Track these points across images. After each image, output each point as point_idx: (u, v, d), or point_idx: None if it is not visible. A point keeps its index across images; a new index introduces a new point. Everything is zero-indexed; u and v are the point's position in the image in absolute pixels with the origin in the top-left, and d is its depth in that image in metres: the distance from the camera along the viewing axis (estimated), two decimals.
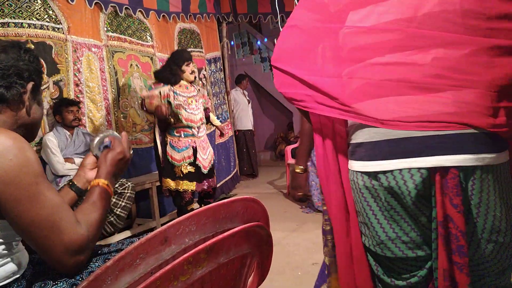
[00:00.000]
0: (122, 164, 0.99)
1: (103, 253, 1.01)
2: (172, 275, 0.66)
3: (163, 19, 4.03)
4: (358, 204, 0.95)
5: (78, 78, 3.08)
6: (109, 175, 0.94)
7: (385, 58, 0.83)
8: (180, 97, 2.90)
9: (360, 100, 0.84)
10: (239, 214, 0.87)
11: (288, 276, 2.25)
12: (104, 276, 0.62)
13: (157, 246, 0.70)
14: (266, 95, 8.43)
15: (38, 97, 0.91)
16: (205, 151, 3.06)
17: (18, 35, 2.65)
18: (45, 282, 0.85)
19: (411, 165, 0.81)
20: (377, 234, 0.90)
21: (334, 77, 0.88)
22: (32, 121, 0.89)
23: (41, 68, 0.91)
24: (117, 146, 0.99)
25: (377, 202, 0.88)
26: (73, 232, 0.75)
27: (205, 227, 0.79)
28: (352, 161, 0.94)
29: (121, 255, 0.64)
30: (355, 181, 0.93)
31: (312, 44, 0.94)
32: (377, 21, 0.84)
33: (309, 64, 0.94)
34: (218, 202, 0.80)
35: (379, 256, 0.94)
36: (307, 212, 3.63)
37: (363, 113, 0.83)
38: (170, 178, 2.95)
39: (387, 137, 0.84)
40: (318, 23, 0.94)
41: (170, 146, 2.94)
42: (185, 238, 0.75)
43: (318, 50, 0.92)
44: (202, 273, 0.73)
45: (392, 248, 0.89)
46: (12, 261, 0.81)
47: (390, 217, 0.88)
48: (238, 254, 0.82)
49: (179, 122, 2.92)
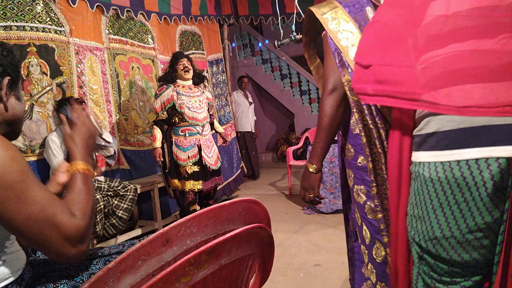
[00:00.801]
0: (91, 139, 0.94)
1: (103, 255, 1.01)
2: (174, 277, 0.66)
3: (165, 21, 4.04)
4: (417, 196, 0.91)
5: (81, 80, 3.10)
6: (84, 156, 0.90)
7: (466, 45, 0.80)
8: (183, 97, 2.95)
9: (436, 88, 0.82)
10: (241, 216, 0.87)
11: (290, 278, 2.25)
12: (106, 277, 0.62)
13: (159, 248, 0.70)
14: (267, 96, 8.44)
15: (17, 92, 0.87)
16: (210, 150, 3.08)
17: (20, 38, 2.67)
18: (46, 285, 0.85)
19: (490, 155, 0.77)
20: (432, 229, 0.87)
21: (411, 67, 0.87)
22: (13, 118, 0.85)
23: (17, 62, 0.87)
24: (79, 122, 0.93)
25: (440, 197, 0.85)
26: (69, 224, 0.73)
27: (206, 228, 0.79)
28: (420, 152, 0.90)
29: (123, 256, 0.64)
30: (420, 173, 0.89)
31: (394, 36, 0.93)
32: (460, 8, 0.82)
33: (391, 56, 0.93)
34: (220, 204, 0.80)
35: (428, 253, 0.91)
36: (309, 214, 3.63)
37: (439, 101, 0.81)
38: (177, 179, 2.97)
39: (463, 125, 0.81)
40: (401, 17, 0.93)
41: (175, 146, 2.96)
42: (186, 240, 0.75)
43: (400, 42, 0.91)
44: (204, 275, 0.73)
45: (446, 247, 0.86)
46: (5, 263, 0.79)
47: (451, 213, 0.84)
48: (239, 256, 0.82)
49: (183, 121, 2.95)
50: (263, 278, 1.02)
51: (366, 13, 1.26)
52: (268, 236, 0.91)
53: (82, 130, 0.92)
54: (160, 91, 2.96)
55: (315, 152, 1.28)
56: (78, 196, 0.81)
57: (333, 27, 1.25)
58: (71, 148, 0.90)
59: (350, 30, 1.23)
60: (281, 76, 8.08)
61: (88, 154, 0.92)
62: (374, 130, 1.19)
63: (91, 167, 0.90)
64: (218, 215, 0.81)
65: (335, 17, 1.25)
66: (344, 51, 1.22)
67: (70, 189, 0.83)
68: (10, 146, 0.73)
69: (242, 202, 0.86)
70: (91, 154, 0.94)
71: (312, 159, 1.28)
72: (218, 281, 0.78)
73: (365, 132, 1.21)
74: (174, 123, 2.99)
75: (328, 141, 1.25)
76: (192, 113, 2.96)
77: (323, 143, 1.26)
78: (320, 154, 1.27)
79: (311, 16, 1.34)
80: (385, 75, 0.92)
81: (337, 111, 1.24)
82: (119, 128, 3.43)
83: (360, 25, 1.23)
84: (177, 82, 3.02)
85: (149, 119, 3.71)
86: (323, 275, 2.23)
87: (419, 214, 0.91)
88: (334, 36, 1.24)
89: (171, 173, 2.99)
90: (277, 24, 5.53)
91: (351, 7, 1.26)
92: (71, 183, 0.84)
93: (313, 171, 1.28)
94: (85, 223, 0.76)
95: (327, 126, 1.23)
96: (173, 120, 2.99)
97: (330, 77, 1.24)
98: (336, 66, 1.23)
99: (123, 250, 1.03)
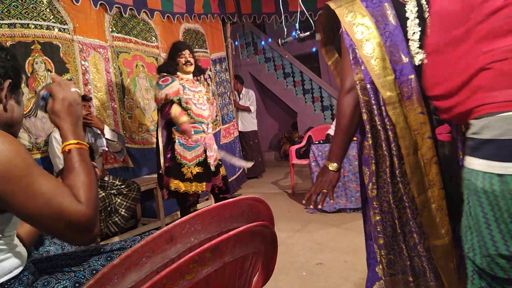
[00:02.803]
0: (74, 108, 0.88)
1: (105, 251, 1.01)
2: (178, 274, 0.66)
3: (168, 19, 4.04)
4: (470, 207, 0.84)
5: (86, 78, 3.11)
6: (73, 130, 0.86)
7: None
8: (189, 92, 2.76)
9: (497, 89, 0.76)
10: (244, 214, 0.87)
11: (293, 276, 2.25)
12: (110, 274, 0.62)
13: (163, 245, 0.70)
14: (270, 95, 8.43)
15: (17, 96, 0.88)
16: (211, 148, 2.93)
17: (24, 35, 2.68)
18: (48, 281, 0.86)
19: None
20: (485, 245, 0.80)
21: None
22: (11, 120, 0.86)
23: (20, 67, 0.87)
24: (57, 93, 0.87)
25: (495, 211, 0.77)
26: (75, 214, 0.74)
27: (210, 226, 0.79)
28: (474, 158, 0.82)
29: (128, 253, 0.64)
30: (472, 182, 0.82)
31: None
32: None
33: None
34: (223, 202, 0.81)
35: (483, 272, 0.83)
36: (311, 212, 3.63)
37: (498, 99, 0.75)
38: (180, 180, 2.74)
39: None
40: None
41: (179, 145, 2.74)
42: (190, 237, 0.75)
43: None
44: (208, 272, 0.73)
45: (503, 265, 0.78)
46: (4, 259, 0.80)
47: (508, 231, 0.76)
48: (243, 254, 0.82)
49: (189, 118, 2.74)
50: (266, 276, 1.02)
51: (384, 9, 1.22)
52: (271, 234, 0.91)
53: (64, 100, 0.87)
54: (164, 82, 2.71)
55: (334, 152, 1.26)
56: (78, 178, 0.80)
57: (348, 19, 1.22)
58: (57, 124, 0.87)
59: (366, 24, 1.20)
60: (284, 75, 8.07)
61: (76, 126, 0.88)
62: (382, 131, 1.18)
63: (81, 139, 0.86)
64: (222, 213, 0.81)
65: (352, 10, 1.23)
66: (358, 45, 1.20)
67: (68, 171, 0.82)
68: (14, 141, 0.74)
69: (246, 200, 0.87)
70: (79, 124, 0.89)
71: (331, 158, 1.26)
72: (221, 278, 0.78)
73: (372, 133, 1.20)
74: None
75: (347, 140, 1.23)
76: (198, 109, 2.78)
77: (342, 142, 1.24)
78: (339, 153, 1.25)
79: (329, 10, 1.31)
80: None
81: (355, 110, 1.22)
82: (124, 126, 3.44)
83: (377, 21, 1.20)
84: (178, 74, 2.80)
85: (153, 117, 3.72)
86: (326, 274, 2.23)
87: (471, 225, 0.84)
88: (349, 29, 1.22)
89: (171, 173, 2.75)
90: (280, 23, 5.53)
91: (369, 2, 1.24)
92: (67, 164, 0.83)
93: (333, 170, 1.25)
94: (91, 209, 0.77)
95: (345, 125, 1.21)
96: None
97: (348, 76, 1.23)
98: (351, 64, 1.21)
99: (125, 246, 1.04)
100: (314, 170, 3.78)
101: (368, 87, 1.18)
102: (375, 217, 1.22)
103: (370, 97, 1.19)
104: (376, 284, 1.35)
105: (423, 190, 1.17)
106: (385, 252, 1.24)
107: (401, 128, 1.16)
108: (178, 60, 2.78)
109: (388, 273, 1.26)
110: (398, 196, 1.21)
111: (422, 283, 1.23)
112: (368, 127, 1.20)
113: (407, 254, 1.22)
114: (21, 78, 0.89)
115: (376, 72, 1.17)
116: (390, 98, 1.15)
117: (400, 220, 1.22)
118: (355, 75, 1.20)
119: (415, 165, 1.17)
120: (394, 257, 1.26)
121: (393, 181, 1.21)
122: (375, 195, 1.21)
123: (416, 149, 1.16)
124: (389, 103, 1.16)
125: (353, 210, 3.53)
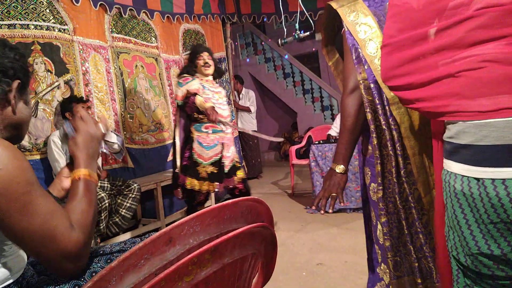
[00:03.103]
0: (93, 143, 0.92)
1: (105, 253, 1.01)
2: (177, 276, 0.66)
3: (167, 20, 4.04)
4: (450, 209, 0.85)
5: (87, 79, 3.11)
6: (87, 161, 0.89)
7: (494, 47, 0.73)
8: (208, 91, 2.77)
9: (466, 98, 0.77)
10: (243, 215, 0.87)
11: (293, 277, 2.25)
12: (109, 276, 0.62)
13: (162, 247, 0.70)
14: (270, 95, 8.44)
15: (25, 96, 0.88)
16: (229, 149, 2.89)
17: (24, 36, 2.68)
18: (47, 283, 0.85)
19: None
20: (467, 244, 0.81)
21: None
22: (19, 121, 0.85)
23: (28, 67, 0.87)
24: (80, 127, 0.92)
25: (474, 212, 0.79)
26: (68, 240, 0.73)
27: (209, 227, 0.79)
28: (452, 162, 0.83)
29: (126, 255, 0.64)
30: (451, 184, 0.83)
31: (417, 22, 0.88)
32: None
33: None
34: (222, 203, 0.80)
35: (468, 269, 0.85)
36: (311, 213, 3.63)
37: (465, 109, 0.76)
38: (195, 178, 2.74)
39: (500, 141, 0.74)
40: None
41: (197, 144, 2.74)
42: (189, 239, 0.75)
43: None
44: (207, 274, 0.73)
45: (486, 263, 0.79)
46: (4, 265, 0.79)
47: (487, 231, 0.78)
48: (242, 255, 0.82)
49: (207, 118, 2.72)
50: (266, 277, 1.02)
51: (386, 8, 1.20)
52: (271, 235, 0.91)
53: (85, 134, 0.91)
54: (184, 80, 2.75)
55: (340, 153, 1.23)
56: (79, 205, 0.81)
57: (351, 19, 1.21)
58: (74, 154, 0.90)
59: (368, 23, 1.19)
60: (284, 75, 8.07)
61: (92, 159, 0.91)
62: (386, 131, 1.17)
63: (95, 172, 0.89)
64: (221, 214, 0.81)
65: (354, 10, 1.22)
66: (361, 45, 1.18)
67: (71, 197, 0.82)
68: (19, 156, 0.72)
69: (245, 201, 0.86)
70: (95, 158, 0.93)
71: (338, 160, 1.23)
72: (221, 280, 0.78)
73: (377, 133, 1.19)
74: (197, 119, 2.77)
75: (353, 141, 1.22)
76: (217, 109, 2.73)
77: (348, 143, 1.22)
78: (345, 155, 1.23)
79: (330, 10, 1.30)
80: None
81: (360, 110, 1.21)
82: (124, 126, 3.44)
83: (379, 20, 1.19)
84: (197, 75, 2.82)
85: (154, 117, 3.72)
86: (326, 274, 2.23)
87: (452, 225, 0.85)
88: (352, 28, 1.20)
89: (188, 171, 2.74)
90: (280, 23, 5.52)
91: (371, 1, 1.23)
92: (73, 190, 0.84)
93: (340, 172, 1.22)
94: (84, 238, 0.76)
95: (351, 126, 1.19)
96: (196, 115, 2.76)
97: (351, 76, 1.21)
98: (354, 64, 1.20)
99: (124, 248, 1.03)
100: (314, 170, 3.78)
101: (372, 86, 1.17)
102: (381, 218, 1.21)
103: (374, 96, 1.17)
104: (377, 285, 1.35)
105: (429, 190, 1.17)
106: (392, 254, 1.22)
107: (406, 128, 1.15)
108: (197, 62, 2.81)
109: (395, 276, 1.24)
110: (403, 196, 1.20)
111: (430, 284, 1.21)
112: (373, 127, 1.19)
113: (415, 255, 1.20)
114: (29, 78, 0.89)
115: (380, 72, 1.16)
116: (394, 98, 1.14)
117: (407, 221, 1.20)
118: (358, 74, 1.19)
119: (420, 165, 1.16)
120: (400, 259, 1.24)
121: (399, 182, 1.19)
122: (381, 196, 1.20)
123: (421, 148, 1.16)
124: (393, 103, 1.15)
125: (353, 210, 3.53)
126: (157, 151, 3.70)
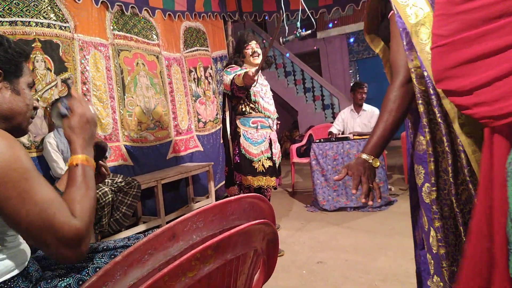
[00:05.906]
0: (90, 127, 0.90)
1: (109, 249, 1.01)
2: (180, 271, 0.67)
3: (169, 17, 4.04)
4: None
5: (85, 77, 3.11)
6: (83, 146, 0.88)
7: None
8: (257, 84, 2.63)
9: None
10: (246, 212, 0.87)
11: (293, 275, 2.26)
12: (113, 271, 0.63)
13: (165, 242, 0.70)
14: None
15: (15, 86, 0.86)
16: (275, 145, 2.79)
17: (25, 33, 2.68)
18: (52, 278, 0.86)
19: None
20: None
21: None
22: (9, 112, 0.84)
23: (11, 56, 0.85)
24: (77, 109, 0.89)
25: None
26: (68, 227, 0.73)
27: (212, 224, 0.79)
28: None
29: (130, 250, 0.64)
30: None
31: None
32: None
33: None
34: (225, 199, 0.81)
35: None
36: (312, 211, 3.63)
37: None
38: (252, 175, 2.61)
39: None
40: None
41: (244, 139, 2.63)
42: (192, 235, 0.75)
43: None
44: (209, 270, 0.73)
45: None
46: (8, 257, 0.79)
47: None
48: (244, 251, 0.83)
49: (255, 112, 2.64)
50: (267, 274, 1.02)
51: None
52: (272, 232, 0.92)
53: (81, 116, 0.89)
54: (232, 69, 2.62)
55: (380, 147, 1.11)
56: (78, 192, 0.80)
57: (401, 0, 1.08)
58: (70, 139, 0.88)
59: (420, 6, 1.06)
60: (285, 73, 8.07)
61: (88, 143, 0.89)
62: (442, 124, 1.02)
63: (90, 156, 0.88)
64: (224, 211, 0.81)
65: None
66: (412, 30, 1.05)
67: (69, 184, 0.82)
68: (15, 144, 0.72)
69: (248, 198, 0.87)
70: (91, 143, 0.91)
71: (378, 154, 1.11)
72: (223, 276, 0.78)
73: (430, 127, 1.05)
74: (244, 112, 2.65)
75: (391, 137, 1.11)
76: (265, 103, 2.65)
77: (390, 137, 1.10)
78: (380, 151, 1.12)
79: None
80: None
81: (409, 104, 1.09)
82: (123, 124, 3.44)
83: (433, 2, 1.03)
84: (245, 66, 2.68)
85: (154, 115, 3.72)
86: (326, 273, 2.24)
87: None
88: (402, 11, 1.07)
89: (242, 169, 2.61)
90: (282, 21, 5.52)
91: None
92: (71, 177, 0.83)
93: (376, 167, 1.11)
94: (84, 225, 0.76)
95: (395, 120, 1.07)
96: (243, 109, 2.64)
97: (401, 62, 1.09)
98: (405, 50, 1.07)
99: (128, 243, 1.04)
100: (315, 169, 3.78)
101: (426, 74, 1.02)
102: (434, 223, 1.08)
103: (428, 86, 1.03)
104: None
105: None
106: (447, 264, 1.08)
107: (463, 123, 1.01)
108: (245, 52, 2.70)
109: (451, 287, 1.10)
110: (462, 198, 1.06)
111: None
112: (425, 120, 1.05)
113: None
114: (18, 67, 0.87)
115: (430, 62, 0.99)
116: None
117: (465, 226, 1.05)
118: (410, 62, 1.06)
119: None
120: (457, 269, 1.09)
121: (456, 182, 1.04)
122: (435, 198, 1.07)
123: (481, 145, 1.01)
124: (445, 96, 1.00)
125: (354, 208, 3.53)
126: (156, 149, 3.71)
